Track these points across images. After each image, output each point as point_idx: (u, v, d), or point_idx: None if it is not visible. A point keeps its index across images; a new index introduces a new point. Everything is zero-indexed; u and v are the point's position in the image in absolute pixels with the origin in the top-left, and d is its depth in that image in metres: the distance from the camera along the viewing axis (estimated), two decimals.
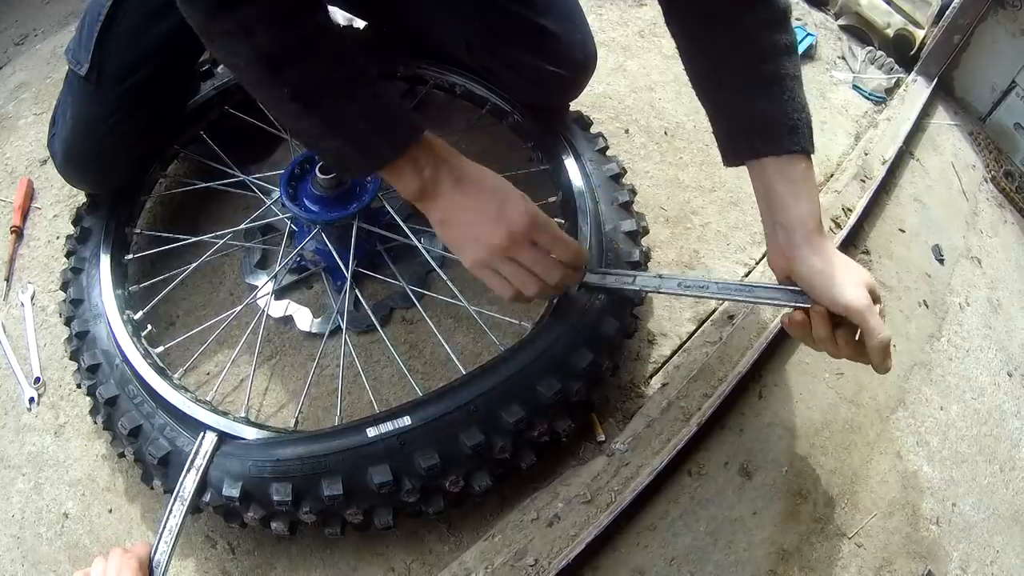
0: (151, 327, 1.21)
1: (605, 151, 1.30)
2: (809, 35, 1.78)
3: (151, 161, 1.33)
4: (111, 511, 1.14)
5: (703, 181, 1.49)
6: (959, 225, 1.56)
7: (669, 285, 1.03)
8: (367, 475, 0.95)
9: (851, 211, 1.41)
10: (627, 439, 1.12)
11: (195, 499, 0.97)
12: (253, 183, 1.34)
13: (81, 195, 1.39)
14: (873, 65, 1.75)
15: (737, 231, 1.42)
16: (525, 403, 0.98)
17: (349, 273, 1.21)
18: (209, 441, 1.00)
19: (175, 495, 0.96)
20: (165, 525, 0.93)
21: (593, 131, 1.34)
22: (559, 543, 1.02)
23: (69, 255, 1.26)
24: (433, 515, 1.02)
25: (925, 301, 1.40)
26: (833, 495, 1.13)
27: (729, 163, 1.02)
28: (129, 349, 1.10)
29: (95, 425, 1.17)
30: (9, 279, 1.40)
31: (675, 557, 1.05)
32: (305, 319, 1.28)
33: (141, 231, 1.33)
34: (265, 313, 1.25)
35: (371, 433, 0.96)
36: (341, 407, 1.15)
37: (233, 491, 0.96)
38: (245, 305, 1.25)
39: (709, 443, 1.14)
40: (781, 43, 0.94)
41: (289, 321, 1.29)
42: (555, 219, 1.23)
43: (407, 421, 0.96)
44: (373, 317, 1.23)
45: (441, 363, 1.23)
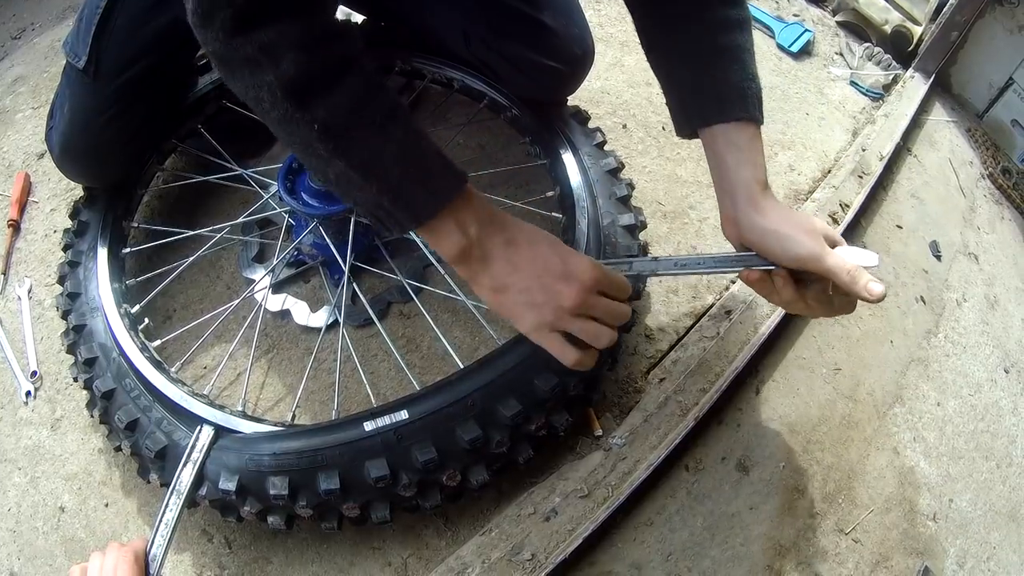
0: (148, 321, 1.22)
1: (603, 146, 1.30)
2: (807, 31, 1.78)
3: (148, 155, 1.33)
4: (107, 505, 1.14)
5: (701, 176, 1.49)
6: (956, 221, 1.57)
7: (665, 265, 1.01)
8: (364, 469, 0.94)
9: (848, 207, 1.41)
10: (624, 434, 1.12)
11: (191, 493, 0.97)
12: (251, 177, 1.34)
13: (78, 189, 1.38)
14: (871, 61, 1.75)
15: None
16: (522, 398, 0.98)
17: (347, 267, 1.21)
18: (206, 435, 1.00)
19: (171, 489, 0.96)
20: (161, 519, 0.93)
21: (591, 126, 1.33)
22: (556, 538, 1.02)
23: (66, 249, 1.26)
24: (430, 509, 1.02)
25: (922, 297, 1.40)
26: (830, 491, 1.14)
27: (682, 133, 1.01)
28: (126, 343, 1.10)
29: (92, 419, 1.17)
30: (6, 273, 1.40)
31: (672, 552, 1.06)
32: (302, 313, 1.28)
33: (138, 225, 1.33)
34: (262, 307, 1.25)
35: (368, 427, 0.95)
36: (338, 401, 1.15)
37: (230, 485, 0.96)
38: (242, 299, 1.25)
39: (706, 438, 1.15)
40: (733, 17, 0.95)
41: (286, 315, 1.29)
42: (553, 213, 1.24)
43: (404, 415, 0.96)
44: (371, 311, 1.23)
45: (438, 357, 1.23)
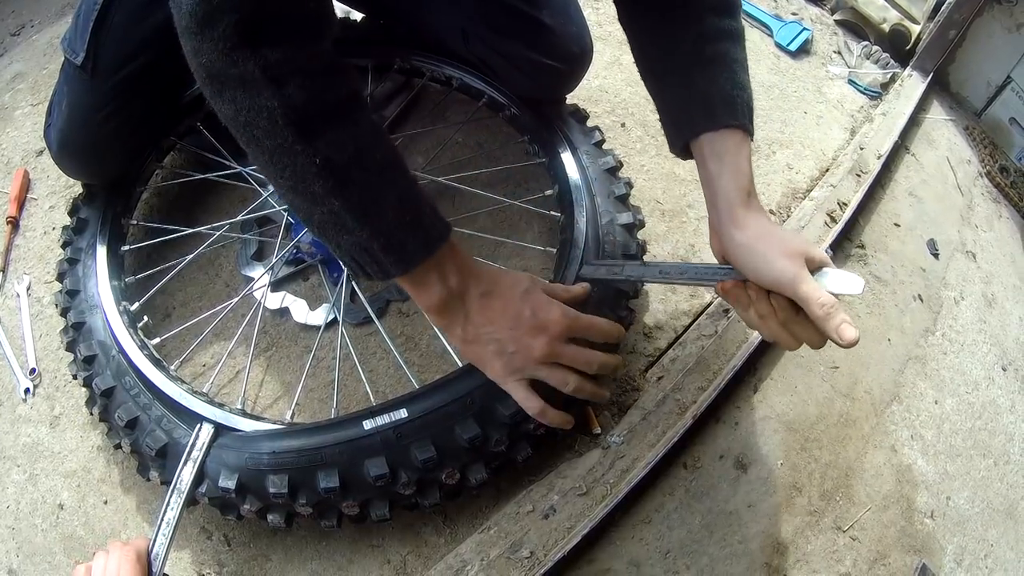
0: (147, 318, 1.22)
1: (601, 144, 1.30)
2: (805, 30, 1.78)
3: (147, 152, 1.33)
4: (106, 503, 1.14)
5: None
6: (954, 220, 1.57)
7: (651, 272, 1.02)
8: (363, 467, 0.95)
9: (846, 205, 1.41)
10: (623, 432, 1.12)
11: (192, 491, 0.97)
12: (250, 175, 1.34)
13: (77, 186, 1.38)
14: (869, 60, 1.75)
15: None
16: None
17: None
18: (206, 433, 1.00)
19: (172, 487, 0.96)
20: (163, 517, 0.93)
21: (589, 124, 1.33)
22: (555, 535, 1.02)
23: (65, 246, 1.26)
24: (429, 507, 1.02)
25: (920, 295, 1.40)
26: (828, 488, 1.14)
27: (674, 150, 0.98)
28: (125, 340, 1.10)
29: (91, 416, 1.17)
30: (5, 270, 1.40)
31: (670, 550, 1.06)
32: (301, 311, 1.28)
33: (137, 222, 1.33)
34: (261, 305, 1.25)
35: (367, 426, 0.96)
36: (337, 399, 1.15)
37: (229, 483, 0.96)
38: (241, 297, 1.25)
39: (704, 436, 1.15)
40: (725, 28, 0.93)
41: (285, 313, 1.29)
42: (551, 212, 1.24)
43: (403, 414, 0.96)
44: (369, 309, 1.23)
45: (437, 355, 1.23)
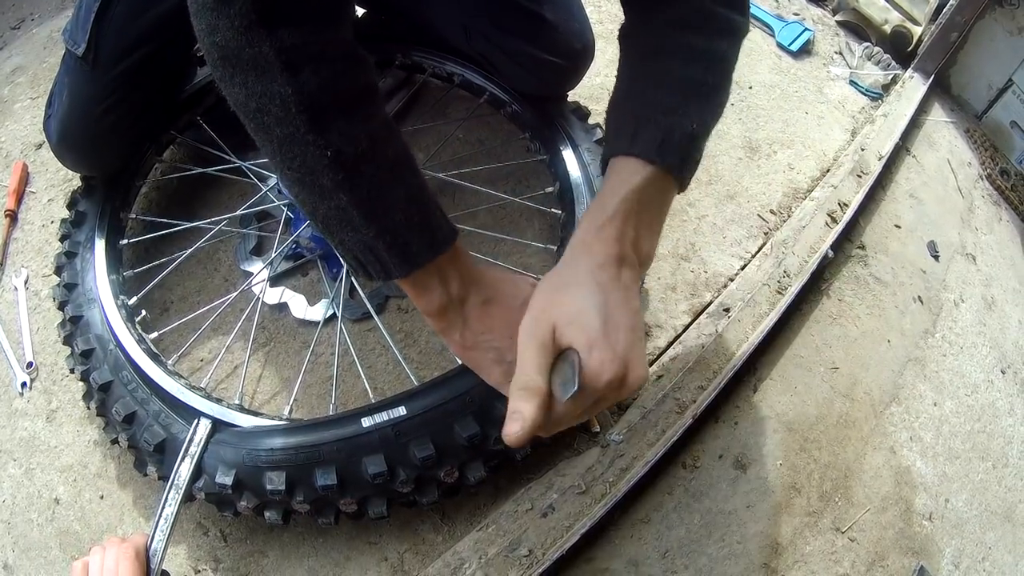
0: (145, 312, 1.21)
1: (602, 142, 1.30)
2: (807, 30, 1.78)
3: (147, 146, 1.32)
4: (103, 497, 1.14)
5: (700, 174, 1.45)
6: (954, 222, 1.57)
7: None
8: (362, 465, 0.94)
9: (847, 206, 1.41)
10: (622, 430, 1.12)
11: (189, 487, 0.97)
12: (249, 169, 1.33)
13: (76, 179, 1.38)
14: (870, 61, 1.75)
15: (733, 224, 1.41)
16: None
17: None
18: (203, 428, 0.99)
19: (170, 483, 0.96)
20: (161, 513, 0.93)
21: (591, 122, 1.33)
22: (553, 534, 1.02)
23: (63, 239, 1.25)
24: (427, 505, 1.01)
25: (920, 297, 1.40)
26: (827, 489, 1.14)
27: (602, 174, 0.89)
28: (123, 334, 1.09)
29: (88, 411, 1.16)
30: (3, 263, 1.39)
31: (669, 549, 1.06)
32: (300, 306, 1.27)
33: (136, 216, 1.33)
34: (260, 300, 1.24)
35: (366, 423, 0.95)
36: (335, 395, 1.14)
37: (227, 479, 0.95)
38: (240, 292, 1.25)
39: (704, 435, 1.15)
40: (688, 44, 0.84)
41: (284, 308, 1.28)
42: (552, 209, 1.24)
43: (402, 411, 0.95)
44: (369, 305, 1.22)
45: (436, 352, 1.23)
